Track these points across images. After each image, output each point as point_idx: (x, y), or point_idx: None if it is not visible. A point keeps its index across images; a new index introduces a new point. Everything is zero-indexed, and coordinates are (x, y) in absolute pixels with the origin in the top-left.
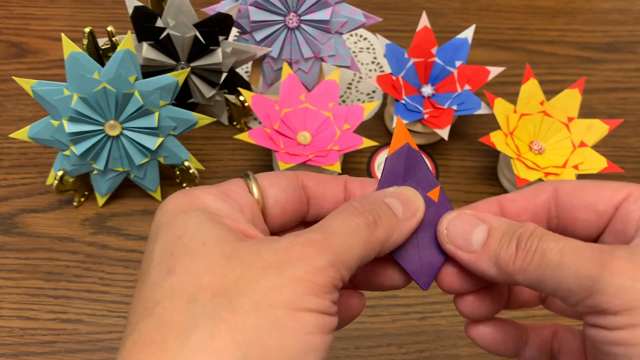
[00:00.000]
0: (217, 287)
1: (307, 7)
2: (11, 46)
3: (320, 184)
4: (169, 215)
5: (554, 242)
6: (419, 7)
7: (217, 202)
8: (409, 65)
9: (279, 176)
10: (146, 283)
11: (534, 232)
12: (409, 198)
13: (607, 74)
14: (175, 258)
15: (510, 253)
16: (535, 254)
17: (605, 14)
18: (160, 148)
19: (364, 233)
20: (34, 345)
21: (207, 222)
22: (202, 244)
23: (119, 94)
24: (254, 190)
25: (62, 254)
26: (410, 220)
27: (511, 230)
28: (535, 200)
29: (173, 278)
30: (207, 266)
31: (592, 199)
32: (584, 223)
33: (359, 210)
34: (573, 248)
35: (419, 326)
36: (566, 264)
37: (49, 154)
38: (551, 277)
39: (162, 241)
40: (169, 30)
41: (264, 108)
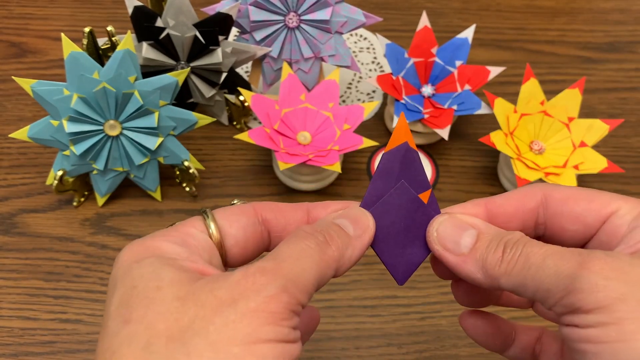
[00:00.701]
0: (172, 331)
1: (307, 6)
2: (11, 46)
3: (280, 215)
4: (124, 267)
5: (537, 247)
6: (419, 7)
7: (173, 246)
8: (409, 65)
9: (237, 214)
10: (104, 334)
11: (520, 239)
12: (357, 216)
13: (608, 73)
14: (131, 307)
15: (497, 257)
16: (520, 258)
17: (606, 14)
18: (160, 148)
19: (315, 253)
20: (33, 345)
21: (161, 267)
22: (156, 290)
23: (119, 93)
24: (214, 232)
25: (61, 254)
26: (362, 236)
27: (499, 237)
28: (524, 207)
29: (129, 327)
30: (161, 311)
31: (581, 210)
32: (571, 232)
33: (309, 232)
34: (555, 251)
35: (419, 326)
36: (547, 265)
37: (49, 154)
38: (532, 279)
39: (119, 293)
40: (169, 30)
41: (264, 108)
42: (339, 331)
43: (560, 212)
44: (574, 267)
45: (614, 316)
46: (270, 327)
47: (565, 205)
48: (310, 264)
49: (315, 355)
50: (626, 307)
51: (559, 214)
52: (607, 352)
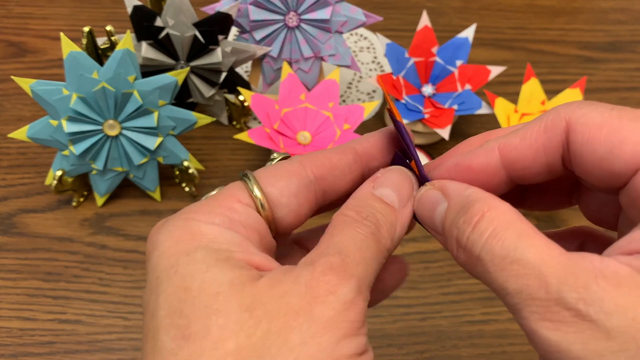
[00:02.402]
0: (245, 352)
1: (307, 6)
2: (10, 45)
3: (334, 168)
4: (169, 258)
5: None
6: (419, 7)
7: (222, 232)
8: (410, 64)
9: (287, 176)
10: (158, 348)
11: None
12: (400, 182)
13: (608, 73)
14: (188, 319)
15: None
16: (479, 264)
17: (606, 14)
18: (160, 148)
19: (372, 244)
20: (33, 345)
21: (215, 264)
22: (215, 296)
23: (118, 93)
24: (262, 203)
25: (61, 254)
26: (407, 206)
27: (458, 215)
28: (545, 148)
29: (191, 346)
30: (226, 325)
31: (606, 153)
32: (598, 181)
33: (358, 219)
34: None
35: (420, 327)
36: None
37: (48, 154)
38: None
39: (167, 294)
40: (169, 29)
41: (263, 108)
42: None
43: (582, 154)
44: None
45: None
46: (352, 339)
47: (587, 145)
48: (371, 255)
49: None
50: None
51: (580, 155)
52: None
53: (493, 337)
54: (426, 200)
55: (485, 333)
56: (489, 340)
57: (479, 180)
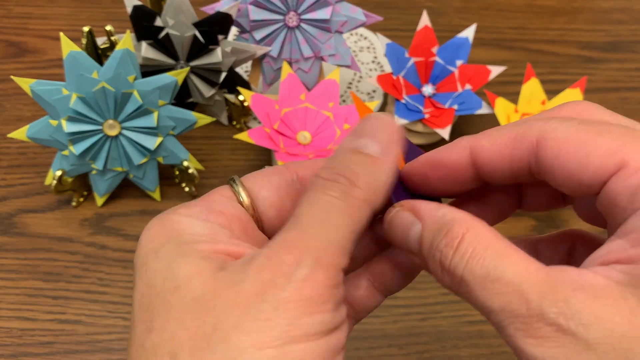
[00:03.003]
0: (195, 340)
1: (307, 6)
2: (10, 45)
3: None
4: (143, 255)
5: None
6: (419, 6)
7: (194, 223)
8: (410, 64)
9: (269, 174)
10: (132, 342)
11: (460, 246)
12: (377, 127)
13: (609, 73)
14: (152, 313)
15: (437, 269)
16: (462, 284)
17: (607, 13)
18: (160, 148)
19: (342, 203)
20: (32, 346)
21: (177, 259)
22: (173, 291)
23: (118, 93)
24: (243, 196)
25: (60, 255)
26: (389, 150)
27: (438, 237)
28: (513, 155)
29: (153, 337)
30: (181, 317)
31: (574, 167)
32: (569, 191)
33: (328, 177)
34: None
35: (420, 327)
36: (492, 309)
37: (48, 154)
38: (480, 309)
39: (138, 292)
40: (168, 29)
41: (263, 108)
42: None
43: (551, 166)
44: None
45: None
46: (309, 319)
47: (557, 159)
48: (341, 218)
49: None
50: None
51: (550, 168)
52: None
53: (493, 338)
54: (398, 223)
55: (486, 333)
56: (489, 341)
57: (449, 175)
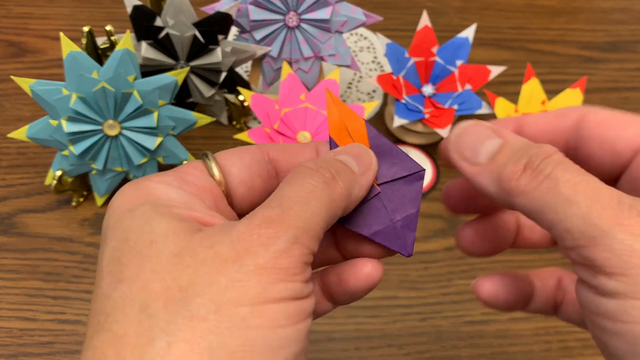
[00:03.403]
0: (170, 292)
1: (307, 6)
2: (10, 45)
3: (289, 154)
4: (116, 215)
5: (571, 174)
6: (419, 6)
7: (170, 190)
8: (410, 64)
9: (241, 152)
10: (97, 294)
11: (552, 155)
12: (359, 153)
13: (609, 73)
14: (123, 265)
15: (517, 170)
16: (546, 180)
17: (607, 13)
18: (160, 148)
19: (323, 193)
20: (32, 346)
21: (154, 217)
22: (149, 245)
23: (118, 93)
24: (215, 171)
25: (60, 254)
26: (366, 173)
27: (526, 149)
28: (557, 126)
29: (122, 287)
30: (156, 269)
31: (612, 135)
32: (599, 159)
33: (313, 169)
34: (591, 188)
35: (420, 327)
36: (577, 202)
37: (48, 154)
38: (554, 211)
39: (109, 247)
40: (168, 29)
41: (263, 108)
42: (339, 332)
43: (590, 135)
44: (607, 217)
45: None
46: (282, 285)
47: (597, 129)
48: (319, 205)
49: (316, 356)
50: None
51: (588, 137)
52: (629, 335)
53: (493, 338)
54: (473, 131)
55: (486, 333)
56: (489, 341)
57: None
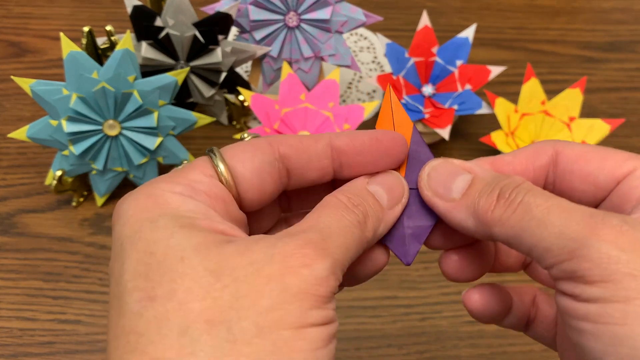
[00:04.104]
0: (211, 313)
1: (307, 6)
2: (10, 45)
3: (302, 150)
4: (133, 225)
5: (541, 198)
6: (419, 6)
7: (186, 201)
8: (410, 64)
9: (250, 151)
10: (123, 311)
11: (521, 185)
12: (393, 185)
13: (609, 73)
14: (153, 281)
15: (491, 202)
16: (519, 207)
17: (607, 13)
18: (160, 148)
19: (356, 232)
20: (32, 346)
21: (179, 231)
22: (180, 260)
23: (118, 93)
24: (224, 175)
25: (60, 255)
26: (394, 208)
27: (495, 180)
28: (534, 165)
29: (156, 306)
30: (192, 288)
31: (593, 169)
32: (581, 193)
33: (348, 205)
34: (562, 207)
35: (420, 327)
36: (551, 222)
37: (48, 154)
38: (531, 234)
39: (132, 260)
40: (168, 29)
41: (263, 107)
42: (339, 332)
43: (571, 170)
44: (583, 231)
45: (621, 294)
46: (319, 310)
47: (576, 163)
48: (352, 243)
49: None
50: (637, 286)
51: (569, 172)
52: (607, 336)
53: (493, 338)
54: (443, 169)
55: (486, 333)
56: (489, 341)
57: None
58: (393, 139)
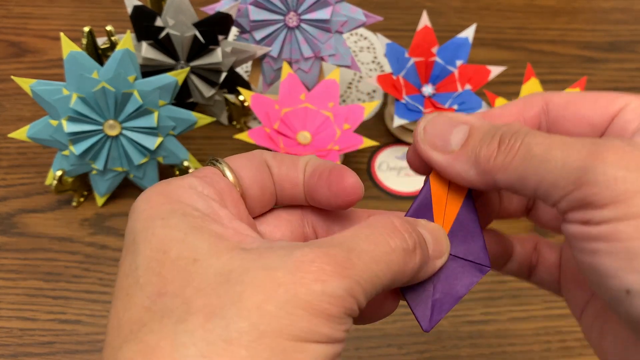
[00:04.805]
0: (211, 308)
1: (307, 6)
2: (10, 45)
3: (283, 164)
4: (144, 221)
5: (541, 137)
6: (419, 6)
7: (198, 199)
8: (410, 64)
9: (246, 157)
10: (131, 304)
11: (520, 129)
12: (439, 237)
13: (609, 73)
14: (165, 279)
15: (492, 149)
16: (520, 149)
17: (607, 13)
18: (160, 148)
19: (398, 260)
20: (32, 346)
21: (192, 232)
22: (192, 262)
23: (118, 93)
24: (228, 174)
25: (61, 254)
26: (439, 259)
27: (494, 129)
28: (524, 116)
29: (164, 300)
30: (201, 287)
31: (586, 111)
32: (579, 133)
33: (399, 229)
34: (562, 141)
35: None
36: (553, 157)
37: (48, 154)
38: (535, 172)
39: (144, 255)
40: (169, 29)
41: (263, 108)
42: None
43: (563, 115)
44: (586, 158)
45: (633, 211)
46: (326, 328)
47: (567, 109)
48: (387, 270)
49: None
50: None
51: (562, 117)
52: (622, 251)
53: (493, 337)
54: (440, 122)
55: (485, 333)
56: (489, 341)
57: None
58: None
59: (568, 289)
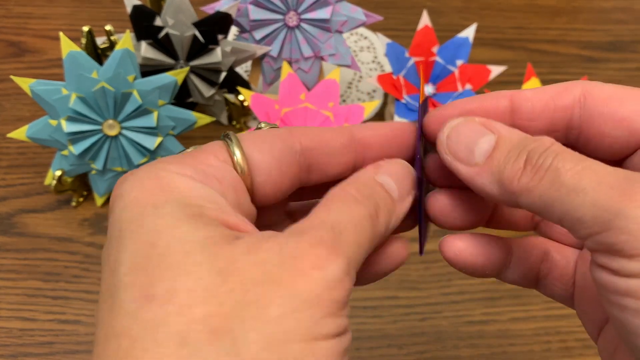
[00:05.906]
0: (215, 321)
1: (307, 5)
2: (9, 45)
3: (323, 144)
4: (133, 209)
5: (572, 162)
6: (419, 6)
7: (196, 187)
8: (410, 64)
9: (269, 139)
10: (116, 309)
11: (550, 147)
12: (402, 175)
13: (609, 73)
14: (152, 278)
15: (517, 168)
16: (548, 173)
17: (607, 13)
18: (159, 148)
19: (368, 227)
20: (32, 346)
21: (186, 221)
22: (184, 255)
23: (118, 93)
24: (240, 164)
25: (60, 255)
26: (405, 200)
27: (522, 144)
28: (556, 104)
29: (153, 307)
30: (195, 289)
31: (628, 112)
32: (611, 140)
33: (358, 198)
34: (594, 171)
35: (420, 327)
36: (583, 189)
37: (47, 154)
38: (561, 203)
39: (130, 250)
40: (168, 29)
41: (263, 107)
42: None
43: (601, 112)
44: (618, 198)
45: None
46: (332, 319)
47: (608, 106)
48: (365, 239)
49: None
50: None
51: (599, 115)
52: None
53: (493, 338)
54: (465, 129)
55: (486, 333)
56: (489, 341)
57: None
58: (411, 131)
59: (584, 310)
